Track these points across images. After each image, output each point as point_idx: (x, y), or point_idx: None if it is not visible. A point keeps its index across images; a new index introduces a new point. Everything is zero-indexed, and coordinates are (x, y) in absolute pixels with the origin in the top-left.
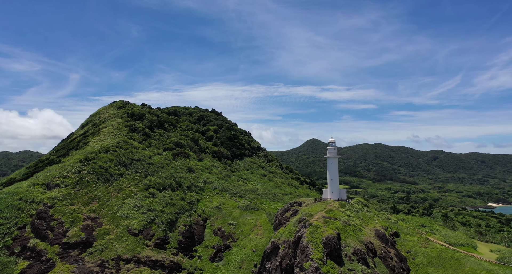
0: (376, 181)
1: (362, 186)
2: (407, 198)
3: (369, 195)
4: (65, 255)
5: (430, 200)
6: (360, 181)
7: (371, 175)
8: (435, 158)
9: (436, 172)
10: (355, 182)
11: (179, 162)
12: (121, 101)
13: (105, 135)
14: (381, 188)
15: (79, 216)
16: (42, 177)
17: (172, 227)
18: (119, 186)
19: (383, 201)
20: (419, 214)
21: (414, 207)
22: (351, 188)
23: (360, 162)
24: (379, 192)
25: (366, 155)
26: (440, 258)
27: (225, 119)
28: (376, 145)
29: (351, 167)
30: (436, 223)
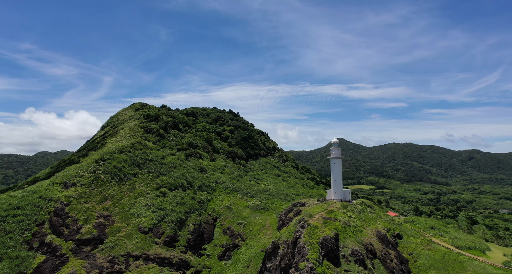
0: (405, 182)
1: (390, 187)
2: (437, 199)
3: (396, 195)
4: (78, 251)
5: (463, 202)
6: (388, 182)
7: (400, 175)
8: (471, 157)
9: (471, 172)
10: (382, 182)
11: (191, 162)
12: (139, 103)
13: (122, 136)
14: (410, 188)
15: (92, 213)
16: (61, 176)
17: (182, 226)
18: (132, 185)
19: (409, 202)
20: (442, 216)
21: (439, 208)
22: (378, 188)
23: (388, 162)
24: (407, 193)
25: (394, 155)
26: (443, 261)
27: (241, 119)
28: (406, 145)
29: (378, 167)
30: (451, 225)
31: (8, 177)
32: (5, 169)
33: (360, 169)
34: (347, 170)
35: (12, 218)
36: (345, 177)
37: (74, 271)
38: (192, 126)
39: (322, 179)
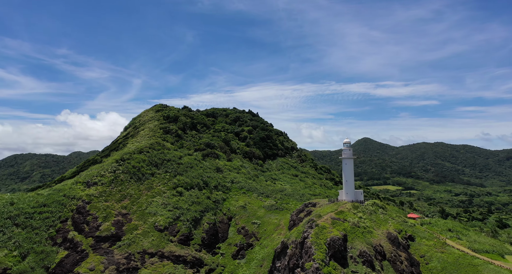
0: (435, 183)
1: (418, 188)
2: (469, 201)
3: (424, 197)
4: (97, 247)
5: (498, 204)
6: (416, 182)
7: (429, 176)
8: (509, 157)
9: (509, 173)
10: (410, 183)
11: (208, 162)
12: (160, 105)
13: (142, 137)
14: (440, 190)
15: (111, 211)
16: (84, 176)
17: (197, 225)
18: (150, 185)
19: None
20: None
21: (468, 211)
22: (405, 189)
23: (417, 162)
24: (437, 194)
25: (424, 155)
26: (456, 264)
27: (260, 120)
28: (437, 144)
29: (406, 167)
30: (474, 228)
31: (45, 176)
32: (43, 168)
33: (387, 169)
34: (373, 170)
35: (39, 215)
36: (370, 177)
37: (93, 266)
38: (210, 127)
39: (341, 179)
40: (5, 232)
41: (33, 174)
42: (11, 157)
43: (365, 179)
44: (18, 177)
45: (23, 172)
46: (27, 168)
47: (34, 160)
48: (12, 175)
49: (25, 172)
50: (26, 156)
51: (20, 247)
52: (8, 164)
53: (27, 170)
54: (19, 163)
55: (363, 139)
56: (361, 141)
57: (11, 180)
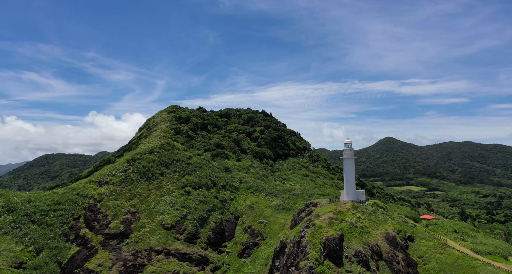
0: (461, 183)
1: (443, 188)
2: (497, 203)
3: (449, 198)
4: (106, 244)
5: None
6: (441, 183)
7: (456, 176)
8: None
9: None
10: (434, 183)
11: (217, 162)
12: (173, 106)
13: (153, 137)
14: (467, 191)
15: (121, 210)
16: (97, 175)
17: (204, 223)
18: (159, 184)
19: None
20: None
21: (490, 212)
22: (429, 190)
23: (444, 162)
24: (463, 195)
25: (451, 154)
26: (455, 265)
27: (273, 120)
28: (465, 143)
29: (431, 168)
30: (483, 230)
31: (73, 175)
32: (71, 168)
33: (410, 170)
34: (396, 170)
35: (53, 212)
36: (392, 177)
37: (101, 262)
38: (222, 127)
39: None
40: (21, 228)
41: (62, 173)
42: (42, 156)
43: (386, 179)
44: (49, 176)
45: (53, 171)
46: (56, 167)
47: (64, 159)
48: (43, 174)
49: (55, 171)
50: (56, 156)
51: (35, 243)
52: (40, 163)
53: (56, 169)
54: (50, 163)
55: (386, 138)
56: (383, 141)
57: (42, 178)
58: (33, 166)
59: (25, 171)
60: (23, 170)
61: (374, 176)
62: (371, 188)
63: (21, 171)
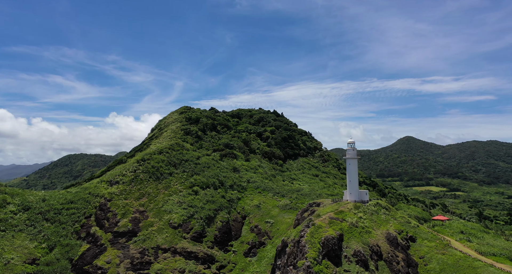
0: (485, 184)
1: (465, 189)
2: None
3: (471, 199)
4: (114, 242)
5: None
6: (463, 183)
7: (479, 176)
8: None
9: None
10: (456, 184)
11: (225, 162)
12: (184, 107)
13: (164, 138)
14: (490, 192)
15: (130, 209)
16: (108, 175)
17: (210, 223)
18: (167, 184)
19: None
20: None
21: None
22: (450, 190)
23: (466, 161)
24: (487, 196)
25: (474, 154)
26: (456, 266)
27: (285, 120)
28: (489, 142)
29: (453, 167)
30: (493, 231)
31: None
32: (92, 167)
33: (430, 170)
34: (415, 170)
35: (66, 211)
36: (411, 177)
37: (110, 259)
38: (232, 127)
39: (365, 180)
40: (36, 226)
41: (84, 173)
42: (66, 156)
43: (405, 180)
44: (72, 176)
45: (76, 171)
46: (79, 167)
47: (85, 159)
48: (66, 174)
49: (77, 171)
50: (79, 156)
51: (48, 240)
52: (63, 163)
53: (78, 169)
54: (73, 163)
55: (405, 138)
56: (403, 140)
57: (65, 178)
58: (57, 165)
59: (49, 171)
60: (47, 170)
61: (392, 176)
62: (383, 188)
63: (46, 171)
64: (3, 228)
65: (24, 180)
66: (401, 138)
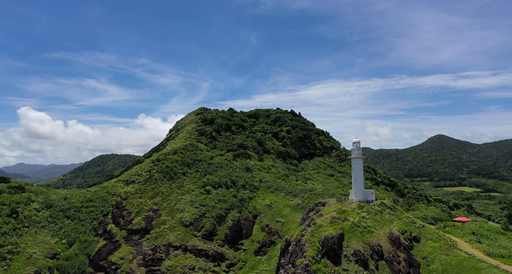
0: None
1: (502, 190)
2: None
3: (508, 200)
4: (128, 239)
5: None
6: (499, 184)
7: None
8: None
9: None
10: (491, 184)
11: (238, 162)
12: (201, 108)
13: (179, 139)
14: None
15: (144, 207)
16: (126, 175)
17: (221, 221)
18: (181, 183)
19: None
20: None
21: None
22: (484, 191)
23: (505, 161)
24: None
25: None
26: (459, 267)
27: (302, 119)
28: None
29: (488, 167)
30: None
31: None
32: (122, 167)
33: (463, 169)
34: (446, 170)
35: (85, 209)
36: (442, 178)
37: (123, 255)
38: (247, 128)
39: (383, 180)
40: (57, 222)
41: (114, 173)
42: (98, 157)
43: (435, 180)
44: (103, 175)
45: (107, 171)
46: (110, 167)
47: (116, 159)
48: (98, 173)
49: (108, 171)
50: (110, 156)
51: (68, 236)
52: (96, 163)
53: (109, 169)
54: (104, 163)
55: (437, 136)
56: (434, 138)
57: (97, 177)
58: (90, 165)
59: (83, 170)
60: (82, 169)
61: (422, 176)
62: (402, 188)
63: (80, 170)
64: (27, 224)
65: (61, 179)
66: (432, 137)
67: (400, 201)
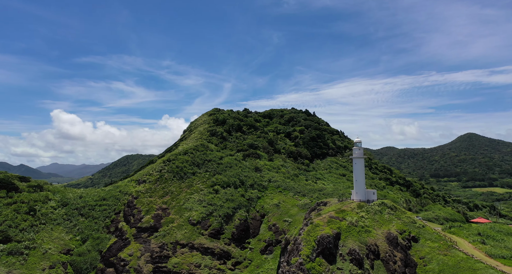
0: None
1: None
2: None
3: None
4: (137, 237)
5: None
6: None
7: None
8: None
9: None
10: None
11: (248, 162)
12: (214, 109)
13: (191, 139)
14: None
15: (153, 206)
16: (138, 174)
17: (229, 220)
18: (190, 183)
19: None
20: None
21: None
22: None
23: None
24: None
25: None
26: (456, 267)
27: (316, 119)
28: None
29: None
30: None
31: None
32: None
33: (495, 169)
34: (476, 170)
35: (99, 207)
36: (471, 178)
37: (132, 252)
38: (258, 128)
39: (398, 180)
40: (72, 220)
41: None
42: (124, 157)
43: (463, 180)
44: (128, 175)
45: (132, 170)
46: (134, 167)
47: (140, 159)
48: (124, 173)
49: (133, 170)
50: (135, 157)
51: (82, 233)
52: (122, 163)
53: (134, 168)
54: (130, 163)
55: (467, 135)
56: (463, 137)
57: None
58: (116, 165)
59: (110, 170)
60: (109, 169)
61: (449, 176)
62: (418, 188)
63: (107, 170)
64: (43, 221)
65: (90, 179)
66: (461, 135)
67: (413, 201)
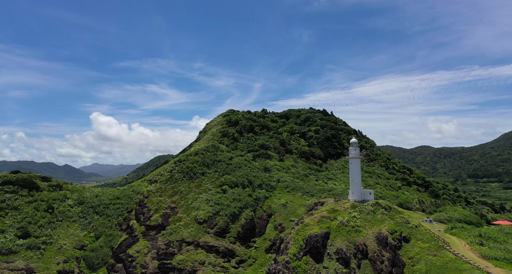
0: None
1: None
2: None
3: None
4: (146, 234)
5: None
6: None
7: None
8: None
9: None
10: None
11: (257, 162)
12: (229, 110)
13: (203, 140)
14: None
15: (162, 205)
16: (151, 174)
17: (235, 219)
18: (199, 183)
19: None
20: None
21: None
22: None
23: None
24: None
25: None
26: (443, 268)
27: (332, 119)
28: None
29: None
30: None
31: None
32: None
33: None
34: None
35: (113, 206)
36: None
37: (139, 249)
38: (271, 128)
39: (416, 180)
40: (87, 218)
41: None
42: (156, 157)
43: (505, 181)
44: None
45: None
46: None
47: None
48: None
49: None
50: (166, 157)
51: (96, 230)
52: (154, 163)
53: None
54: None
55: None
56: (508, 135)
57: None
58: (149, 165)
59: (143, 170)
60: (142, 169)
61: (489, 176)
62: (438, 188)
63: (140, 170)
64: (60, 218)
65: (125, 178)
66: (506, 133)
67: (427, 201)
